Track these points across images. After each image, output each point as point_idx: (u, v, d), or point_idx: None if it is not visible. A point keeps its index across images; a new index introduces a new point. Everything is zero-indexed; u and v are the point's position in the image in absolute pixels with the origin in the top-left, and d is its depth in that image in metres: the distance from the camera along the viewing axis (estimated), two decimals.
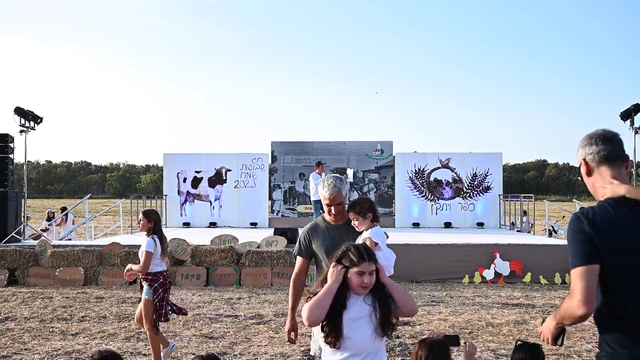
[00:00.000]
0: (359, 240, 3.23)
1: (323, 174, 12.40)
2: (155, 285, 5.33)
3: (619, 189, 2.14)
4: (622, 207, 2.09)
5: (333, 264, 2.65)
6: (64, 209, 16.42)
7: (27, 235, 13.15)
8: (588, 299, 2.00)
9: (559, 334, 2.25)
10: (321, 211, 3.76)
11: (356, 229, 3.44)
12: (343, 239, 3.22)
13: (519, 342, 3.11)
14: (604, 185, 2.19)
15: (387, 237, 3.45)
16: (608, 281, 2.04)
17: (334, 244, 3.24)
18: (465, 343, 2.79)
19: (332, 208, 3.51)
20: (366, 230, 3.39)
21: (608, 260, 2.03)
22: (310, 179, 12.90)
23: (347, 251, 2.64)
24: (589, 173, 2.26)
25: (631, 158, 12.69)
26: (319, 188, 3.54)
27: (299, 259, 3.67)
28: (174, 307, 5.55)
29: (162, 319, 5.32)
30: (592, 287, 2.02)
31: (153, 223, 5.40)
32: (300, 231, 3.73)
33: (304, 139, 27.62)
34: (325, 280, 2.64)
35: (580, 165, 2.30)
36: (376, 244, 3.26)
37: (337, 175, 3.66)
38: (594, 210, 2.12)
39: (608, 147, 2.21)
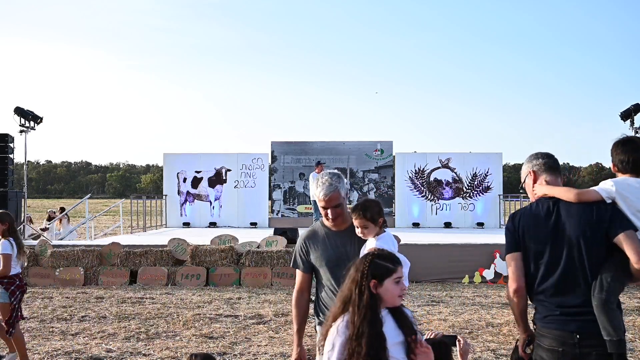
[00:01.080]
0: (363, 251, 2.76)
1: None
2: (12, 288, 5.29)
3: (543, 189, 2.68)
4: (539, 205, 2.65)
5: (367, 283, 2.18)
6: (62, 209, 16.43)
7: (27, 235, 13.15)
8: (514, 278, 2.63)
9: (528, 343, 2.70)
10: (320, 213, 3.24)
11: (362, 236, 2.90)
12: (347, 248, 2.94)
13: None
14: (535, 189, 2.73)
15: (399, 241, 2.90)
16: (528, 263, 2.61)
17: (337, 254, 2.95)
18: (459, 340, 2.75)
19: (329, 211, 2.95)
20: (374, 237, 2.87)
21: (525, 247, 2.62)
22: (310, 179, 12.84)
23: (374, 260, 2.23)
24: (535, 180, 2.76)
25: None
26: (312, 187, 3.06)
27: (298, 273, 3.13)
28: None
29: (18, 320, 5.34)
30: (518, 269, 2.62)
31: (7, 225, 5.33)
32: (297, 240, 3.19)
33: (304, 139, 27.66)
34: (347, 303, 2.17)
35: (527, 175, 2.79)
36: None
37: (335, 171, 3.06)
38: (520, 210, 2.75)
39: (550, 160, 2.80)
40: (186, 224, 17.11)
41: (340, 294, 2.25)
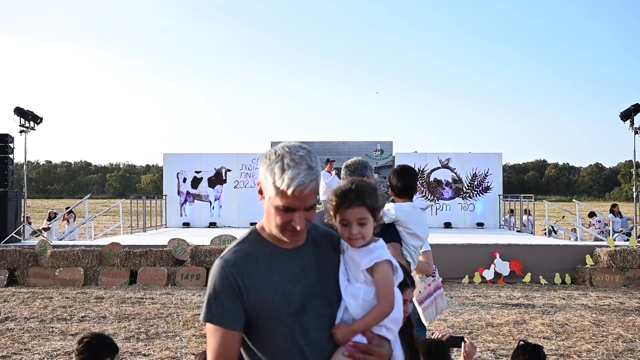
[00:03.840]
0: (358, 275, 1.71)
1: (333, 172, 11.88)
2: None
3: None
4: None
5: None
6: (67, 208, 16.45)
7: (27, 234, 13.15)
8: None
9: None
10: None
11: (350, 243, 1.72)
12: (329, 273, 1.75)
13: (521, 343, 3.11)
14: None
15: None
16: None
17: (309, 289, 1.70)
18: (464, 342, 2.76)
19: (297, 216, 1.65)
20: (365, 245, 1.71)
21: None
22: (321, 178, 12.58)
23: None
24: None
25: (631, 158, 12.67)
26: (272, 174, 1.63)
27: (217, 334, 1.67)
28: None
29: None
30: None
31: None
32: (212, 271, 1.75)
33: (304, 139, 27.63)
34: None
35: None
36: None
37: (308, 147, 1.71)
38: None
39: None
40: (186, 224, 17.11)
41: None
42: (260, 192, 1.72)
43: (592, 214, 15.91)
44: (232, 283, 1.67)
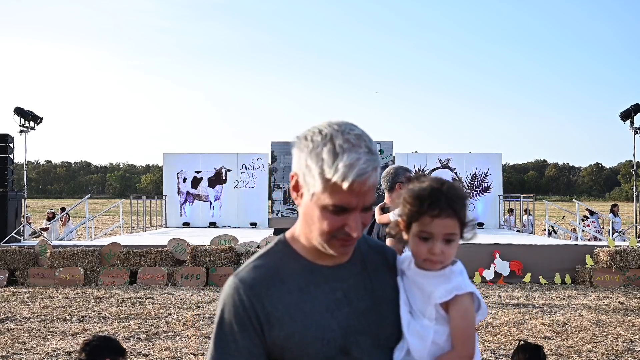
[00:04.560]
0: (426, 309, 1.27)
1: None
2: None
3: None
4: None
5: None
6: (63, 209, 16.43)
7: (27, 234, 13.15)
8: None
9: None
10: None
11: (426, 264, 1.29)
12: (378, 306, 1.29)
13: (521, 343, 3.11)
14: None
15: None
16: None
17: (361, 320, 1.27)
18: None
19: (353, 219, 1.20)
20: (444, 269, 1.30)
21: None
22: None
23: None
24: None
25: (631, 158, 12.70)
26: (319, 161, 1.18)
27: None
28: None
29: None
30: None
31: None
32: (223, 294, 1.27)
33: None
34: None
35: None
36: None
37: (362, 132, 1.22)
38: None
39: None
40: (186, 224, 17.11)
41: None
42: (296, 187, 1.27)
43: (585, 217, 15.88)
44: (248, 312, 1.22)
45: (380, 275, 1.33)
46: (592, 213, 15.81)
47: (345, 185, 1.15)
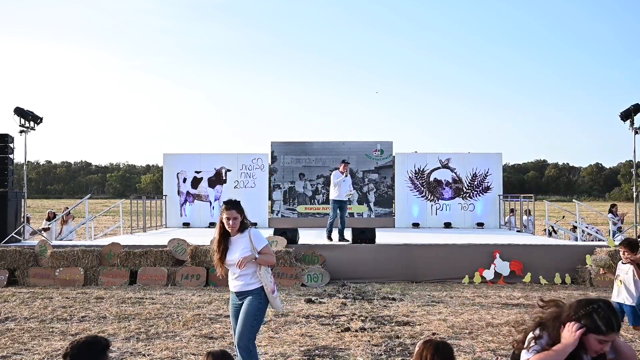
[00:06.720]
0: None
1: (347, 174, 11.35)
2: None
3: None
4: None
5: (572, 323, 2.43)
6: (66, 209, 16.42)
7: (27, 234, 13.15)
8: None
9: None
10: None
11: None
12: None
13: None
14: None
15: None
16: None
17: None
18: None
19: None
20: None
21: None
22: (332, 177, 11.50)
23: (594, 312, 2.41)
24: None
25: (631, 158, 12.70)
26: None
27: None
28: None
29: None
30: None
31: None
32: None
33: (304, 139, 27.64)
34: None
35: None
36: None
37: None
38: None
39: None
40: (186, 224, 17.12)
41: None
42: None
43: (574, 228, 15.54)
44: None
45: None
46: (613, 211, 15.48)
47: None
